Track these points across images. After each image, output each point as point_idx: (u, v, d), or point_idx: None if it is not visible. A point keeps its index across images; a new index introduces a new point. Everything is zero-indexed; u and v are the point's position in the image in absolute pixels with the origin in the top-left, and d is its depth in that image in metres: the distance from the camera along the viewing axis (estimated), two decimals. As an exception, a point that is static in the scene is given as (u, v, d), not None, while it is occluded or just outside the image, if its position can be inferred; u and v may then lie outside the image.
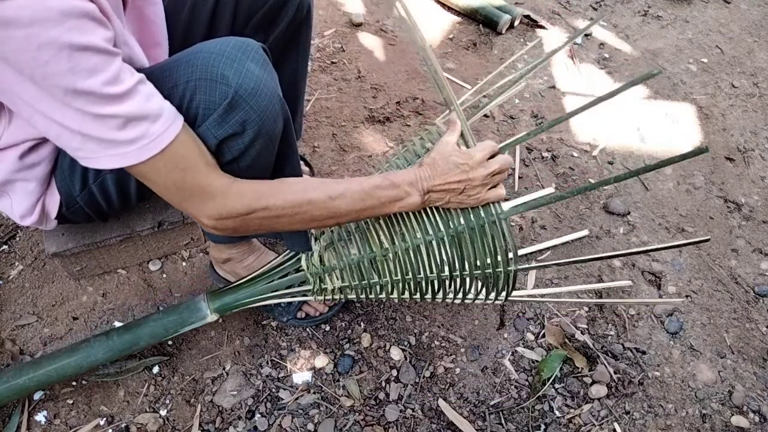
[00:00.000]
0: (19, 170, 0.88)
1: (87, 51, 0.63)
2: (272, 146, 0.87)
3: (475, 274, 0.94)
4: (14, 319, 1.21)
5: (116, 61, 0.67)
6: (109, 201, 0.97)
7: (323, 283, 1.04)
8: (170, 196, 0.79)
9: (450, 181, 0.86)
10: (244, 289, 1.07)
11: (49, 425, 1.07)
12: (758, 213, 1.53)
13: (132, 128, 0.69)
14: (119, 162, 0.71)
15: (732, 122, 1.77)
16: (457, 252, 0.92)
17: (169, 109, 0.73)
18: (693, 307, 1.32)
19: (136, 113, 0.68)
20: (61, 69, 0.62)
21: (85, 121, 0.67)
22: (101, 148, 0.70)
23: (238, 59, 0.77)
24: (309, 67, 1.79)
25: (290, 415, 1.11)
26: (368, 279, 0.99)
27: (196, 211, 0.80)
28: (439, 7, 2.08)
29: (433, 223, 0.91)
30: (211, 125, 0.78)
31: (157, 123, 0.70)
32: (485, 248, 0.91)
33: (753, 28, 2.13)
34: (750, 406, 1.18)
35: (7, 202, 0.93)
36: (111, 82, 0.66)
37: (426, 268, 0.95)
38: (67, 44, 0.61)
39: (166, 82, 0.78)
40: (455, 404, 1.15)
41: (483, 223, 0.89)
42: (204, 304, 1.06)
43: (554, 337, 1.24)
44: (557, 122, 0.91)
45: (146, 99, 0.70)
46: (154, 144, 0.71)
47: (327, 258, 1.02)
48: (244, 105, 0.77)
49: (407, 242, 0.93)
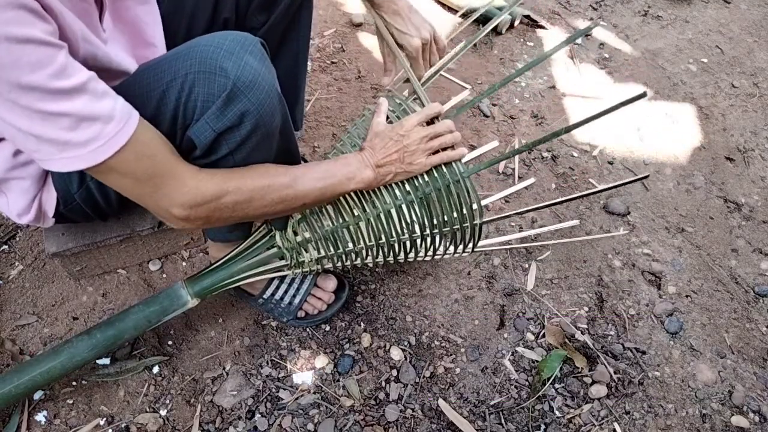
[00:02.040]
0: (13, 168, 0.87)
1: (28, 43, 0.61)
2: (269, 142, 0.87)
3: (444, 231, 1.00)
4: (14, 319, 1.21)
5: (61, 54, 0.65)
6: (107, 198, 0.97)
7: (300, 257, 1.06)
8: (139, 188, 0.77)
9: (389, 153, 0.92)
10: (222, 271, 1.07)
11: (49, 425, 1.07)
12: (758, 213, 1.53)
13: (84, 129, 0.67)
14: (75, 165, 0.70)
15: (732, 122, 1.77)
16: (426, 212, 0.98)
17: (122, 107, 0.71)
18: (693, 307, 1.32)
19: (87, 113, 0.67)
20: (3, 63, 0.60)
21: (34, 120, 0.65)
22: (56, 150, 0.68)
23: (237, 52, 0.77)
24: (309, 67, 1.79)
25: (290, 415, 1.11)
26: (343, 247, 1.03)
27: (169, 201, 0.78)
28: (439, 7, 2.08)
29: (401, 187, 0.97)
30: (210, 118, 0.78)
31: (110, 124, 0.69)
32: (452, 206, 0.97)
33: (753, 28, 2.13)
34: (750, 406, 1.18)
35: (3, 200, 0.93)
36: (57, 75, 0.64)
37: (398, 230, 1.00)
38: (4, 37, 0.59)
39: (165, 76, 0.78)
40: (455, 404, 1.15)
41: (448, 183, 0.95)
42: (183, 291, 1.05)
43: (554, 337, 1.24)
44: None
45: (97, 98, 0.68)
46: (108, 145, 0.69)
47: (300, 231, 1.04)
48: (242, 97, 0.77)
49: (378, 208, 0.97)
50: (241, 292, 1.20)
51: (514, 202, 1.49)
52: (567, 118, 1.73)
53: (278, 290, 1.19)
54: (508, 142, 1.64)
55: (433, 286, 1.31)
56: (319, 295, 1.21)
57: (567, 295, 1.32)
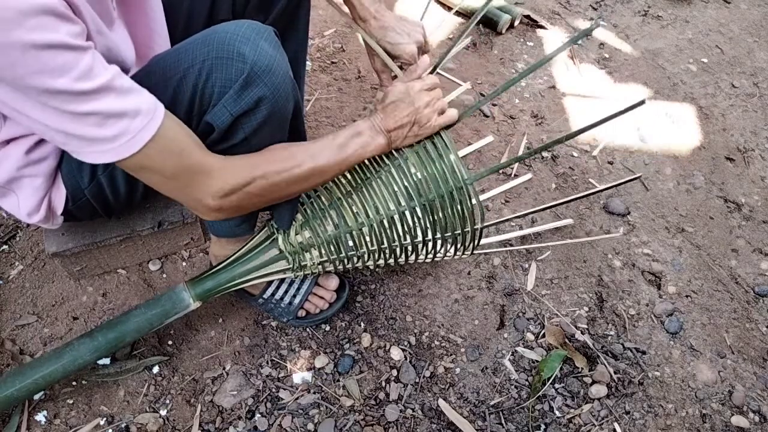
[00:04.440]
0: (26, 166, 0.88)
1: (53, 49, 0.62)
2: (283, 128, 0.89)
3: (446, 236, 1.01)
4: (14, 319, 1.21)
5: (86, 55, 0.66)
6: (116, 193, 0.98)
7: (302, 260, 1.07)
8: (171, 184, 0.79)
9: (400, 117, 0.92)
10: (224, 273, 1.07)
11: (49, 425, 1.07)
12: (758, 213, 1.53)
13: (111, 125, 0.69)
14: (104, 158, 0.72)
15: (732, 122, 1.77)
16: (429, 218, 0.99)
17: (148, 101, 0.73)
18: (693, 307, 1.32)
19: (113, 110, 0.68)
20: (30, 70, 0.62)
21: (64, 119, 0.67)
22: (85, 145, 0.71)
23: (253, 38, 0.79)
24: (309, 67, 1.79)
25: (290, 415, 1.11)
26: (345, 251, 1.03)
27: (202, 193, 0.81)
28: (439, 7, 2.08)
29: (404, 193, 0.97)
30: (227, 102, 0.80)
31: (136, 119, 0.71)
32: (455, 213, 0.98)
33: (753, 28, 2.13)
34: (750, 406, 1.18)
35: (13, 200, 0.93)
36: (83, 77, 0.65)
37: (400, 235, 1.01)
38: (30, 44, 0.60)
39: (182, 62, 0.80)
40: (455, 404, 1.15)
41: (451, 189, 0.96)
42: (186, 294, 1.06)
43: (554, 337, 1.24)
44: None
45: (123, 95, 0.70)
46: (134, 140, 0.71)
47: (303, 236, 1.04)
48: (259, 81, 0.79)
49: (381, 214, 0.98)
50: (241, 291, 1.20)
51: (514, 202, 1.49)
52: (567, 118, 1.73)
53: (278, 290, 1.19)
54: (507, 142, 1.64)
55: (433, 286, 1.31)
56: (321, 294, 1.21)
57: (567, 295, 1.32)
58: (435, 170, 0.96)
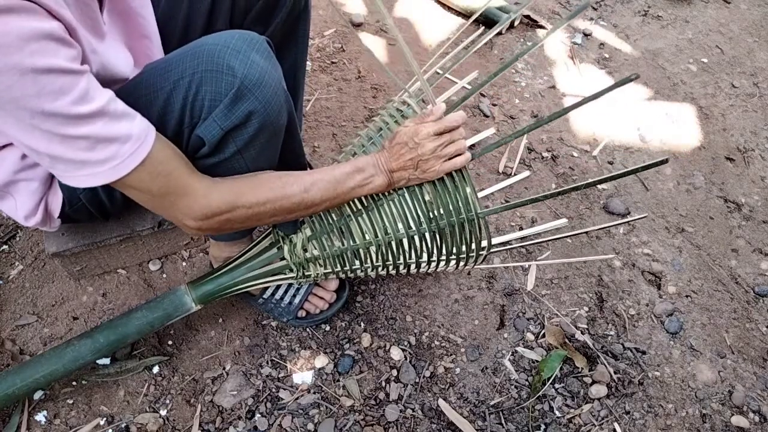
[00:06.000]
0: (21, 170, 0.88)
1: (51, 73, 0.62)
2: (276, 139, 0.88)
3: (451, 258, 1.02)
4: (14, 319, 1.21)
5: (83, 79, 0.66)
6: (112, 199, 0.98)
7: (306, 270, 1.07)
8: (156, 202, 0.80)
9: (403, 161, 0.90)
10: (225, 276, 1.08)
11: (49, 425, 1.07)
12: (758, 213, 1.53)
13: (102, 150, 0.69)
14: (92, 181, 0.72)
15: (732, 122, 1.77)
16: (436, 243, 0.99)
17: (140, 126, 0.73)
18: (693, 307, 1.32)
19: (105, 135, 0.68)
20: (27, 93, 0.62)
21: (53, 143, 0.67)
22: (73, 168, 0.71)
23: (244, 51, 0.78)
24: (308, 67, 1.79)
25: (290, 415, 1.11)
26: (350, 265, 1.04)
27: (182, 214, 0.81)
28: (439, 7, 2.08)
29: (415, 218, 0.97)
30: (218, 116, 0.79)
31: (127, 144, 0.71)
32: (462, 240, 0.98)
33: (753, 28, 2.13)
34: (750, 406, 1.18)
35: (11, 203, 0.93)
36: (78, 101, 0.65)
37: (406, 256, 1.02)
38: (29, 68, 0.60)
39: (172, 75, 0.79)
40: (455, 404, 1.15)
41: (463, 220, 0.95)
42: (187, 297, 1.06)
43: (554, 337, 1.24)
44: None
45: (116, 119, 0.70)
46: (123, 165, 0.71)
47: (310, 249, 1.04)
48: (250, 95, 0.78)
49: (390, 235, 0.98)
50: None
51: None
52: (567, 117, 1.73)
53: (278, 290, 1.20)
54: (508, 142, 1.64)
55: (433, 286, 1.31)
56: (321, 294, 1.21)
57: (567, 295, 1.32)
58: (449, 200, 0.93)
